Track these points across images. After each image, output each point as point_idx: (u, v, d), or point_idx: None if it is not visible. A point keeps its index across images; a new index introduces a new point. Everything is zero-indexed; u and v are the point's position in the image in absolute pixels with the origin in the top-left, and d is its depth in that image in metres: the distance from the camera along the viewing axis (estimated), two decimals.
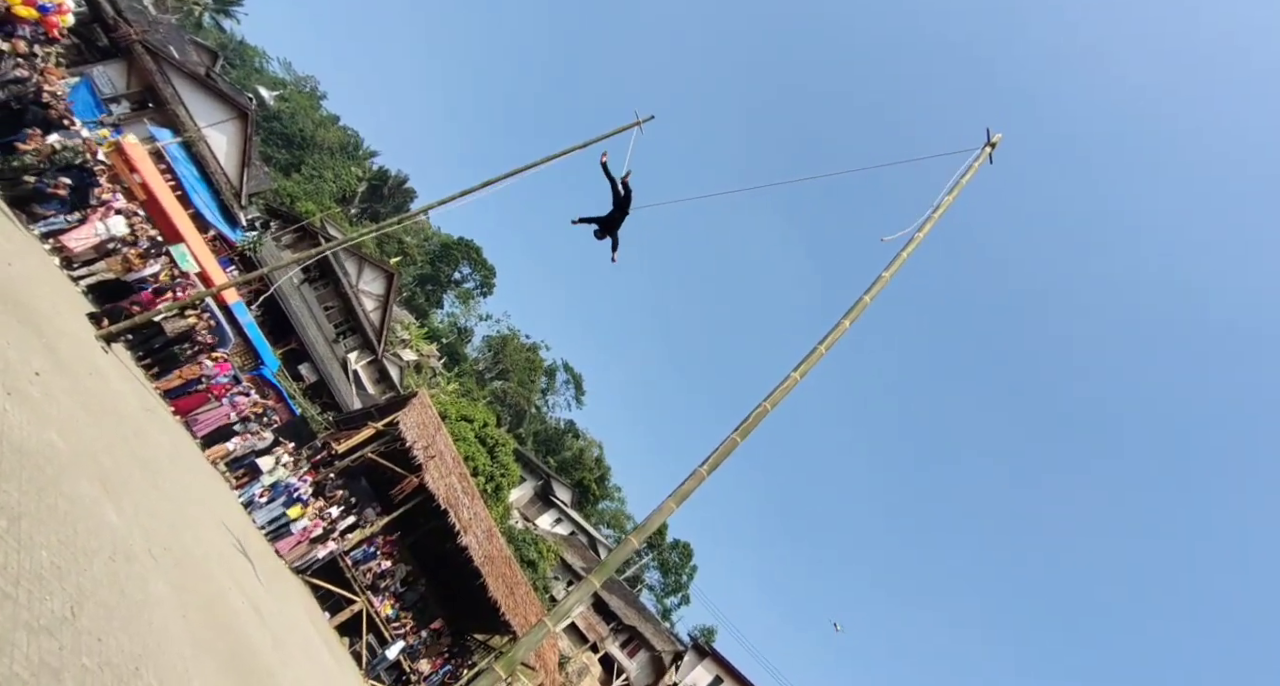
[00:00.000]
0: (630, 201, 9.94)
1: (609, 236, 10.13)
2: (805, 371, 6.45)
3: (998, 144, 9.25)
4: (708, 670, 39.89)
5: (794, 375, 6.37)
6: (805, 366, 6.46)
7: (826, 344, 6.66)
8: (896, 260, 7.57)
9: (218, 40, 52.60)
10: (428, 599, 21.76)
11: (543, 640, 5.09)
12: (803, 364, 6.48)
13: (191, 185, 23.69)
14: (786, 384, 6.33)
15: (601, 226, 10.05)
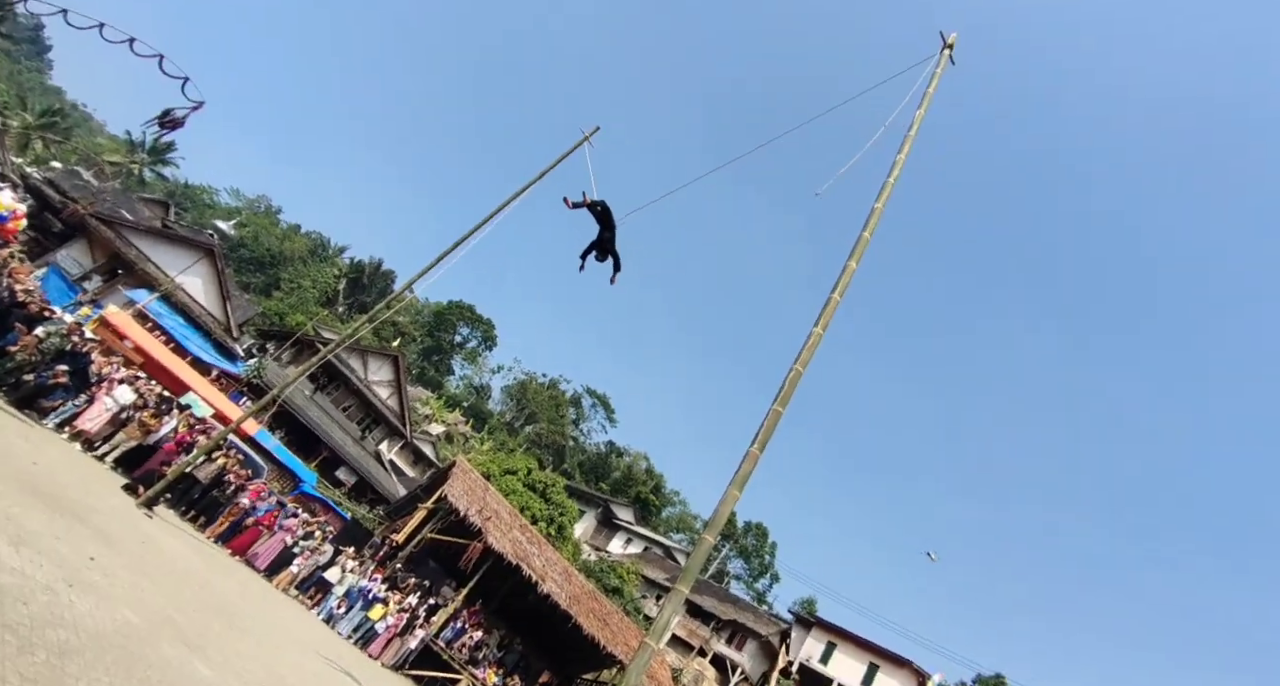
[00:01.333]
0: (611, 216, 9.92)
1: (608, 256, 10.11)
2: (826, 324, 6.41)
3: (954, 44, 9.12)
4: (818, 639, 39.78)
5: (816, 330, 6.35)
6: (824, 319, 6.42)
7: (840, 290, 6.62)
8: (885, 189, 7.46)
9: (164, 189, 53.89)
10: (527, 656, 21.96)
11: (650, 660, 5.19)
12: (821, 317, 6.44)
13: (182, 334, 24.31)
14: (811, 341, 6.31)
15: (598, 250, 10.00)
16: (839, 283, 6.74)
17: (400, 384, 36.20)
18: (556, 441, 63.04)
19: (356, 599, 17.07)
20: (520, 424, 63.95)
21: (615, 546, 47.97)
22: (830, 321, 6.46)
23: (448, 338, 65.15)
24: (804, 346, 6.33)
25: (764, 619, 40.94)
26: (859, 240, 7.18)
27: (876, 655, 37.62)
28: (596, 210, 9.83)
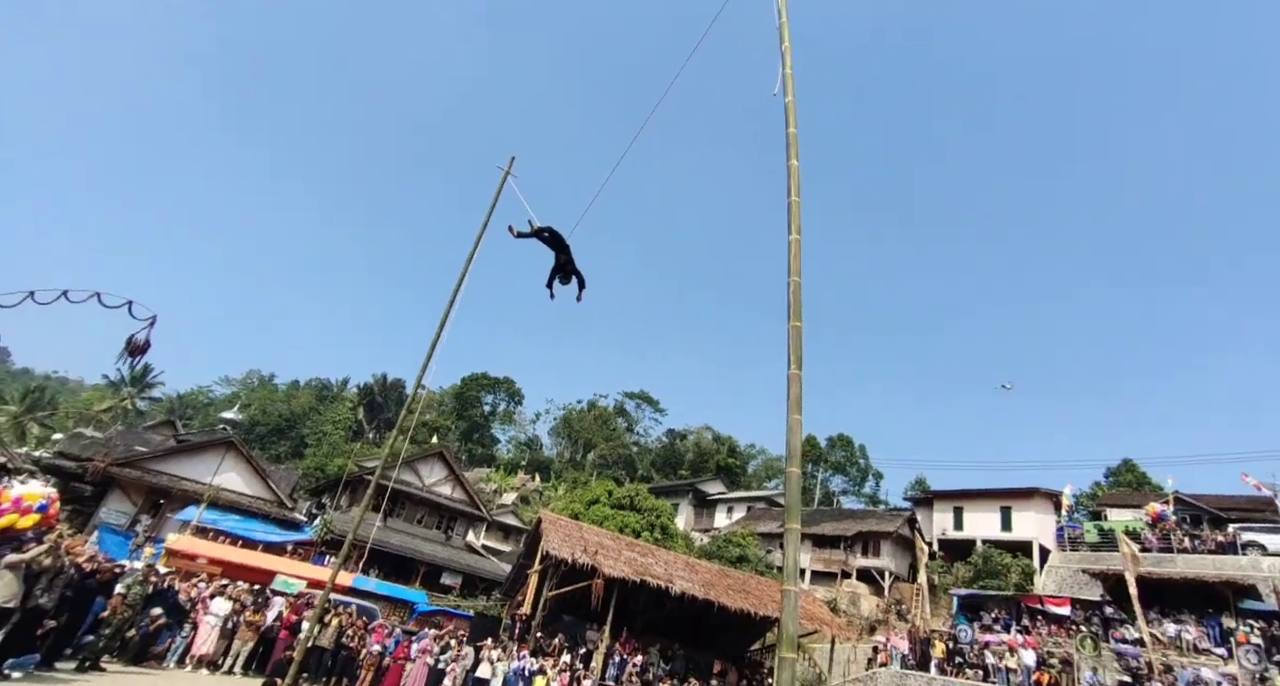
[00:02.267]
0: (561, 238, 9.95)
1: (571, 276, 10.05)
2: (798, 227, 6.55)
3: None
4: (943, 510, 40.10)
5: (793, 237, 6.47)
6: (795, 223, 6.56)
7: (795, 190, 6.76)
8: (787, 81, 7.39)
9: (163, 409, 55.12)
10: (691, 655, 22.54)
11: (797, 603, 5.37)
12: (791, 222, 6.57)
13: (244, 528, 25.10)
14: (793, 250, 6.43)
15: (561, 273, 9.95)
16: (790, 183, 6.85)
17: (457, 474, 36.89)
18: (621, 454, 63.72)
19: (515, 682, 17.68)
20: (581, 456, 64.73)
21: (720, 521, 48.58)
22: (800, 224, 6.61)
23: (476, 412, 65.99)
24: (789, 256, 6.47)
25: (886, 517, 41.30)
26: (788, 137, 7.18)
27: (1002, 498, 37.83)
28: (544, 237, 9.86)
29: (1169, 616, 23.37)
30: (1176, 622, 22.61)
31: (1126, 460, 53.82)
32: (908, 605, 32.58)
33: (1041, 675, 20.03)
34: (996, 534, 36.65)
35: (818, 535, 39.51)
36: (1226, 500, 37.28)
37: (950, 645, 23.16)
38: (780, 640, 5.35)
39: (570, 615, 22.78)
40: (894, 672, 22.33)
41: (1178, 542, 29.66)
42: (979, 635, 23.98)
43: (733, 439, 66.99)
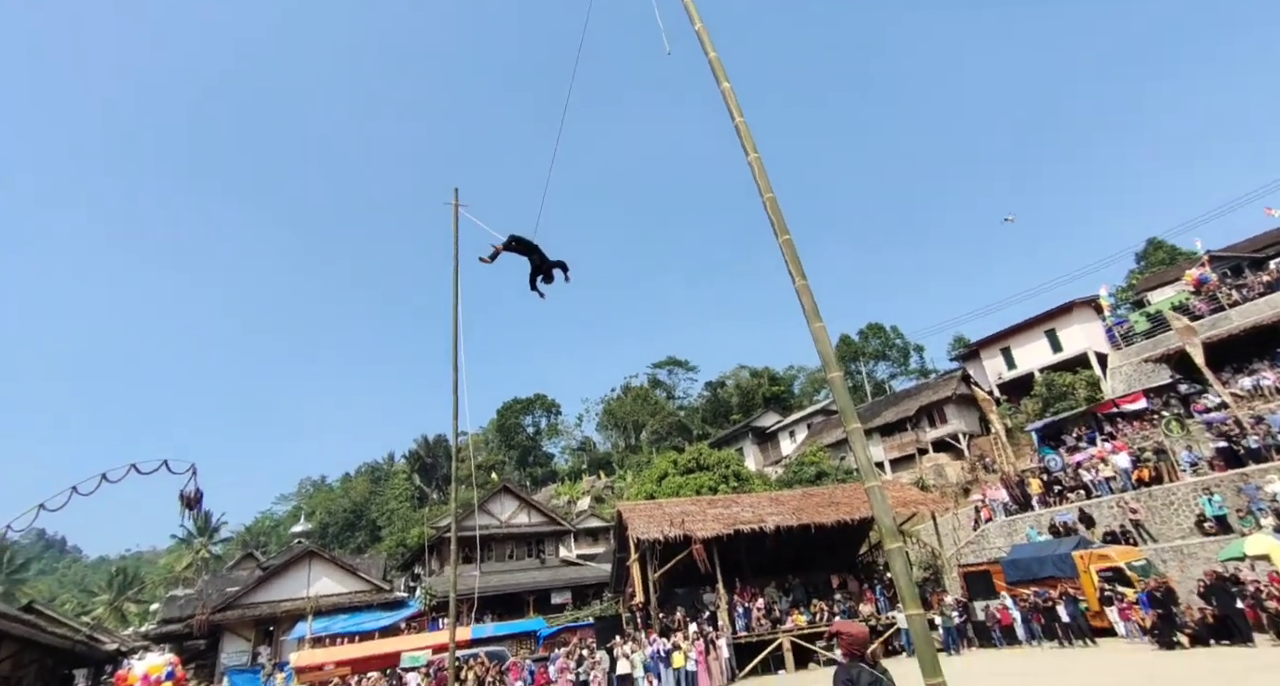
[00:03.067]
0: (526, 242, 10.02)
1: (551, 271, 10.04)
2: (752, 145, 6.72)
3: None
4: (990, 356, 39.87)
5: (751, 157, 6.66)
6: (747, 142, 6.70)
7: (736, 112, 6.90)
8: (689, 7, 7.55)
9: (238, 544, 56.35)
10: (806, 581, 22.83)
11: (884, 496, 5.52)
12: (744, 141, 6.73)
13: (355, 623, 25.78)
14: (756, 168, 6.59)
15: (541, 274, 10.05)
16: (730, 105, 7.00)
17: (526, 501, 37.39)
18: (671, 423, 64.08)
19: (655, 666, 18.07)
20: (634, 439, 65.19)
21: (786, 448, 48.82)
22: (753, 141, 6.74)
23: (521, 437, 66.64)
24: (755, 175, 6.65)
25: (940, 384, 41.14)
26: (711, 62, 7.24)
27: (1043, 323, 37.41)
28: (512, 247, 9.94)
29: (1242, 371, 23.11)
30: (1250, 374, 22.36)
31: (1151, 239, 52.89)
32: (990, 457, 32.63)
33: (1140, 472, 20.00)
34: (1050, 359, 36.36)
35: (882, 425, 39.56)
36: (1260, 240, 36.55)
37: (1044, 478, 23.19)
38: (882, 534, 5.49)
39: (682, 587, 23.14)
40: (1001, 523, 22.47)
41: (1226, 299, 29.19)
42: (1068, 458, 23.96)
43: (769, 368, 66.94)
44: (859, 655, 4.55)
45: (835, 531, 22.38)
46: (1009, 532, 21.98)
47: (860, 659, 4.53)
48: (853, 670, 4.45)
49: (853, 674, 4.41)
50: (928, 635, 5.40)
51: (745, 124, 6.95)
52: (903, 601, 5.45)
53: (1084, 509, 20.41)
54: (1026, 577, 17.96)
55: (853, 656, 4.54)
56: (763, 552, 23.63)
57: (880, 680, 4.36)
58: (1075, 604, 16.02)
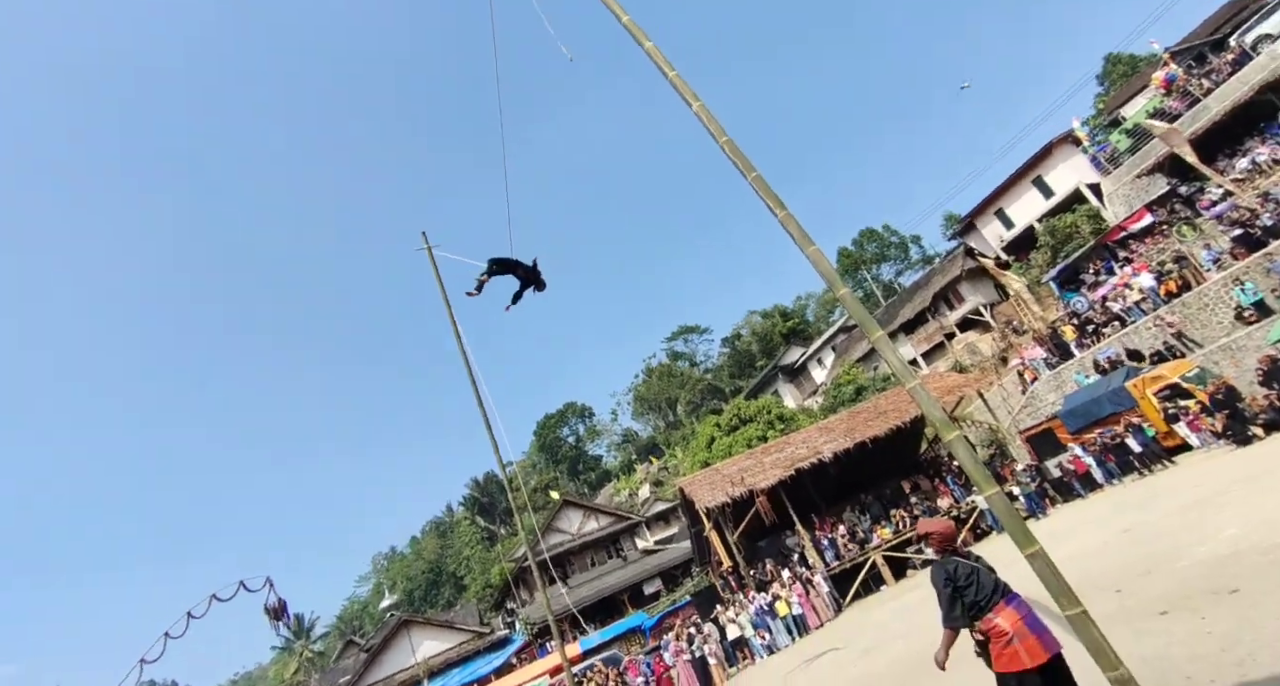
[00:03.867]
0: (505, 262, 10.10)
1: (531, 280, 10.22)
2: (692, 95, 6.99)
3: None
4: (985, 223, 39.36)
5: (695, 106, 6.92)
6: (685, 94, 6.97)
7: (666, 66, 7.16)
8: None
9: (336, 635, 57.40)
10: (879, 495, 22.66)
11: (925, 391, 5.51)
12: (682, 94, 7.01)
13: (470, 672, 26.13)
14: (703, 116, 6.85)
15: (531, 284, 10.28)
16: (657, 65, 7.28)
17: (589, 507, 37.62)
18: (701, 389, 64.00)
19: (763, 623, 18.07)
20: (672, 415, 65.21)
21: (819, 377, 48.50)
22: (692, 91, 7.06)
23: (564, 449, 66.95)
24: (705, 123, 6.87)
25: (945, 266, 40.48)
26: (626, 27, 7.49)
27: (1026, 173, 36.58)
28: (495, 271, 10.01)
29: (1235, 155, 22.46)
30: (1244, 154, 21.71)
31: (1108, 56, 51.54)
32: (1017, 320, 32.15)
33: (1166, 285, 19.51)
34: (1045, 206, 35.69)
35: (904, 324, 39.14)
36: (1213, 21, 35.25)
37: (1075, 322, 22.74)
38: (937, 428, 5.47)
39: (763, 539, 23.13)
40: (1046, 379, 22.10)
41: (1199, 90, 28.23)
42: (1092, 296, 23.47)
43: (779, 306, 66.42)
44: (951, 548, 4.58)
45: (891, 439, 22.16)
46: (1057, 386, 21.61)
47: (953, 552, 4.56)
48: (948, 565, 4.47)
49: (949, 568, 4.43)
50: (1010, 509, 5.43)
51: (679, 77, 7.14)
52: (976, 484, 5.47)
53: (1123, 339, 19.99)
54: (1088, 423, 17.65)
55: (945, 551, 4.57)
56: (829, 482, 23.49)
57: (976, 568, 4.36)
58: (1142, 432, 15.71)
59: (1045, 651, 3.97)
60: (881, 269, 63.48)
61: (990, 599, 4.21)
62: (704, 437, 36.90)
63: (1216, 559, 6.98)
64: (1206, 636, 5.25)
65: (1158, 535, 9.12)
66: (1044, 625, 4.07)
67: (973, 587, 4.27)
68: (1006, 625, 4.08)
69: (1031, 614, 4.13)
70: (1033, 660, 3.96)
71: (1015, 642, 4.02)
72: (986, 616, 4.20)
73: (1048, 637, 4.01)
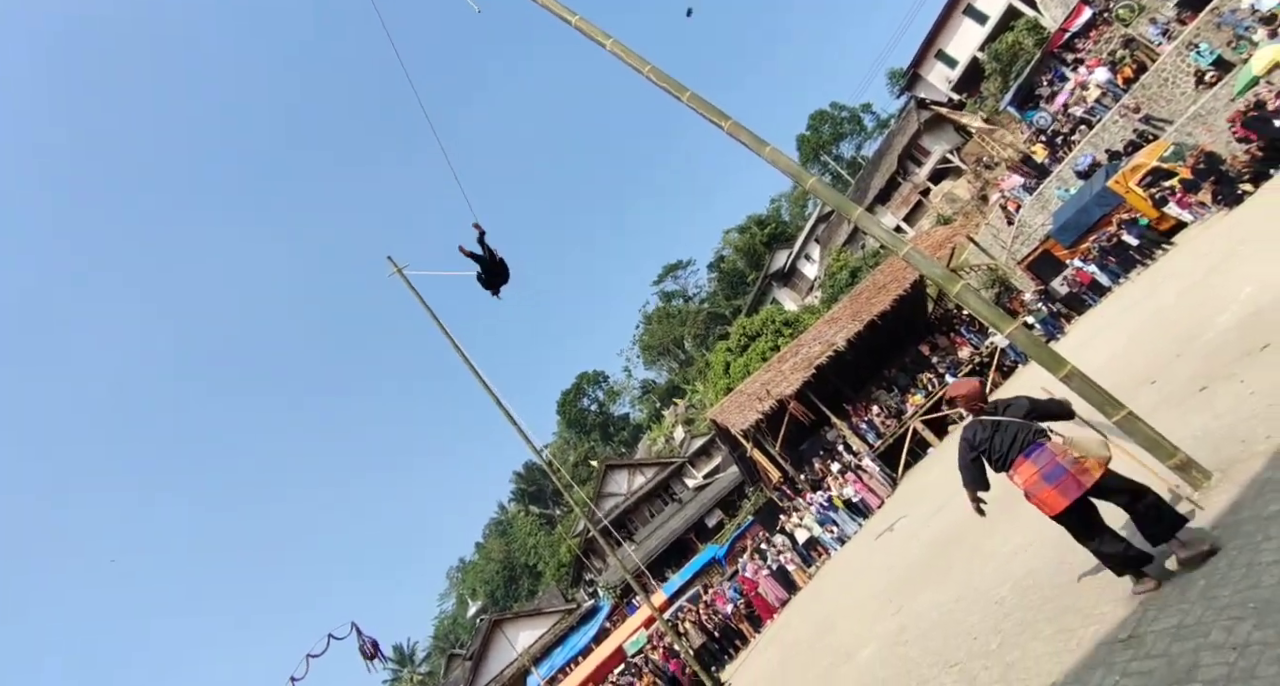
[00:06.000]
0: (479, 255, 11.08)
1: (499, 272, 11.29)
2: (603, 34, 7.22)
3: None
4: (930, 68, 38.04)
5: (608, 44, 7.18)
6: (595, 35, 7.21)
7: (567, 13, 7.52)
8: None
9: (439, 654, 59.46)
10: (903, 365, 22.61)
11: (917, 253, 5.75)
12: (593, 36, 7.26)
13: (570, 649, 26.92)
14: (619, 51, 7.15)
15: (496, 275, 11.38)
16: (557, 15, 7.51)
17: (632, 464, 38.15)
18: (702, 320, 63.88)
19: (827, 518, 18.33)
20: (684, 355, 65.28)
21: (811, 272, 48.11)
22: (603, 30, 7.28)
23: (591, 418, 67.63)
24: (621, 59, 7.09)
25: (903, 123, 39.06)
26: None
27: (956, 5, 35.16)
28: (471, 255, 11.14)
29: None
30: None
31: None
32: (986, 155, 31.44)
33: (1122, 72, 18.87)
34: (982, 33, 34.23)
35: (877, 194, 38.42)
36: None
37: (1043, 139, 22.16)
38: (940, 287, 5.80)
39: (803, 443, 23.28)
40: (1029, 204, 21.68)
41: None
42: (1052, 107, 22.77)
43: (752, 215, 65.42)
44: (980, 408, 4.49)
45: (898, 310, 21.97)
46: (1042, 207, 21.20)
47: (982, 409, 4.48)
48: (965, 431, 4.47)
49: (964, 435, 4.44)
50: (1032, 338, 5.49)
51: (582, 20, 7.29)
52: (993, 325, 5.68)
53: (1093, 141, 19.44)
54: (1081, 233, 17.38)
55: (975, 410, 4.50)
56: (850, 369, 23.43)
57: (997, 424, 4.27)
58: (1135, 224, 15.42)
59: (1064, 498, 3.92)
60: (841, 147, 62.14)
61: (1008, 455, 4.18)
62: (719, 365, 36.88)
63: (1240, 321, 6.79)
64: (1250, 396, 5.08)
65: (1178, 318, 8.92)
66: (1063, 472, 3.95)
67: (990, 448, 4.29)
68: (1020, 481, 4.12)
69: (1052, 463, 4.01)
70: (1052, 509, 3.99)
71: (1031, 497, 4.07)
72: (1007, 473, 4.25)
73: (1069, 483, 3.92)
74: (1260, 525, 3.56)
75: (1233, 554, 3.50)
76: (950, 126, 36.11)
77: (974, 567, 6.98)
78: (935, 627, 6.36)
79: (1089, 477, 3.91)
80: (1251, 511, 3.74)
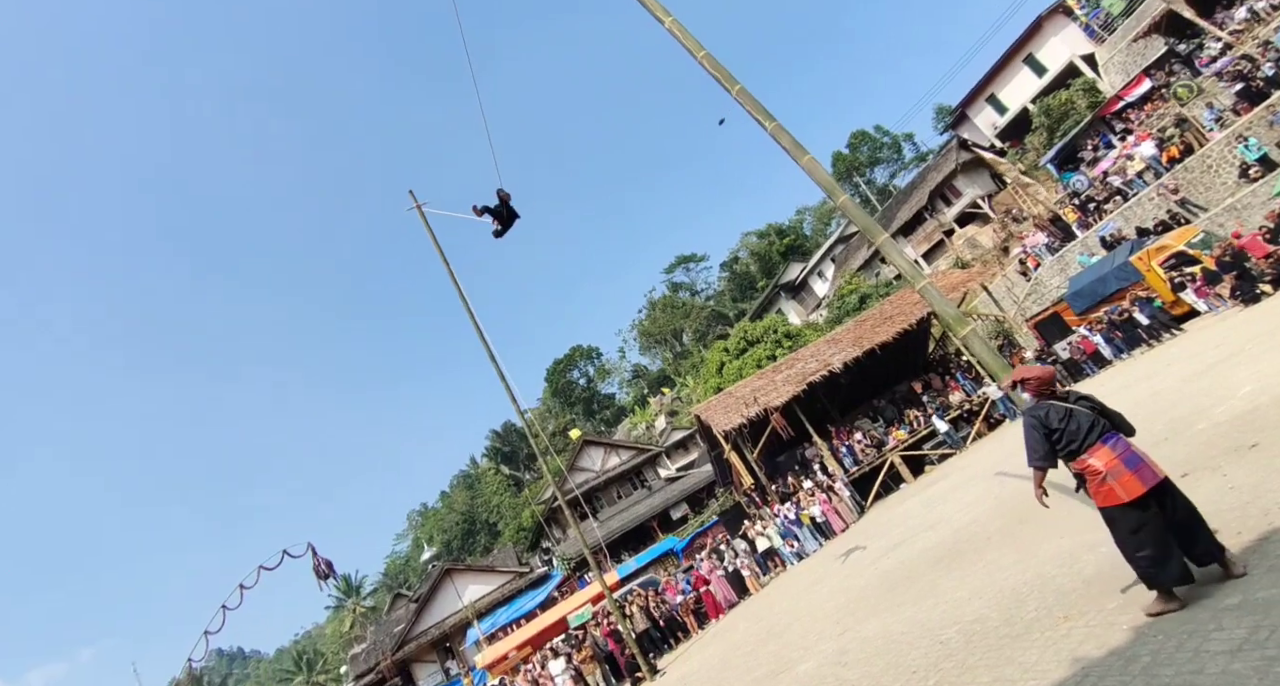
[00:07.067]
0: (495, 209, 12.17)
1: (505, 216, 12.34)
2: (664, 11, 7.13)
3: None
4: (978, 111, 38.12)
5: (668, 22, 7.01)
6: (655, 11, 7.12)
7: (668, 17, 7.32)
8: None
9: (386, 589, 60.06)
10: (893, 398, 22.85)
11: (934, 289, 5.68)
12: (653, 11, 7.17)
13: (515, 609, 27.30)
14: (675, 31, 6.97)
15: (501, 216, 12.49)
16: None
17: (609, 444, 38.38)
18: (706, 317, 63.93)
19: (789, 531, 18.61)
20: (681, 348, 65.43)
21: (821, 290, 48.18)
22: (663, 7, 7.24)
23: (576, 392, 67.71)
24: (678, 39, 6.89)
25: (940, 161, 39.22)
26: None
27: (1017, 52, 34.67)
28: (486, 209, 12.36)
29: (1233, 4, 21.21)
30: (1241, 3, 20.49)
31: None
32: (1017, 208, 31.47)
33: (1168, 152, 18.89)
34: (1038, 85, 34.24)
35: (901, 225, 38.45)
36: None
37: (1076, 203, 22.22)
38: (948, 325, 5.68)
39: (781, 454, 23.55)
40: (1049, 264, 21.81)
41: None
42: (1092, 173, 22.82)
43: (773, 224, 65.30)
44: (1049, 392, 4.45)
45: (899, 344, 22.13)
46: (1061, 269, 21.34)
47: (1051, 395, 4.42)
48: (1039, 409, 4.37)
49: (1040, 413, 4.34)
50: None
51: (670, 22, 7.10)
52: (993, 375, 5.60)
53: (1125, 214, 19.53)
54: (1094, 302, 17.51)
55: (1042, 394, 4.45)
56: (841, 392, 23.67)
57: (1071, 410, 4.26)
58: (1149, 303, 15.59)
59: (1142, 484, 4.00)
60: (875, 172, 61.93)
61: (1084, 440, 4.20)
62: (713, 364, 37.06)
63: (1235, 417, 6.96)
64: (1229, 491, 5.26)
65: (1173, 402, 9.10)
66: (1142, 460, 4.09)
67: (1066, 431, 4.25)
68: (1100, 464, 4.12)
69: (1129, 451, 4.12)
70: (1129, 494, 4.02)
71: (1109, 480, 4.07)
72: (1080, 457, 4.23)
73: (1145, 471, 4.04)
74: (1215, 615, 3.74)
75: (1182, 637, 3.69)
76: (987, 172, 36.09)
77: (926, 605, 7.16)
78: (878, 655, 6.56)
79: (1161, 470, 4.07)
80: (1210, 600, 3.92)
